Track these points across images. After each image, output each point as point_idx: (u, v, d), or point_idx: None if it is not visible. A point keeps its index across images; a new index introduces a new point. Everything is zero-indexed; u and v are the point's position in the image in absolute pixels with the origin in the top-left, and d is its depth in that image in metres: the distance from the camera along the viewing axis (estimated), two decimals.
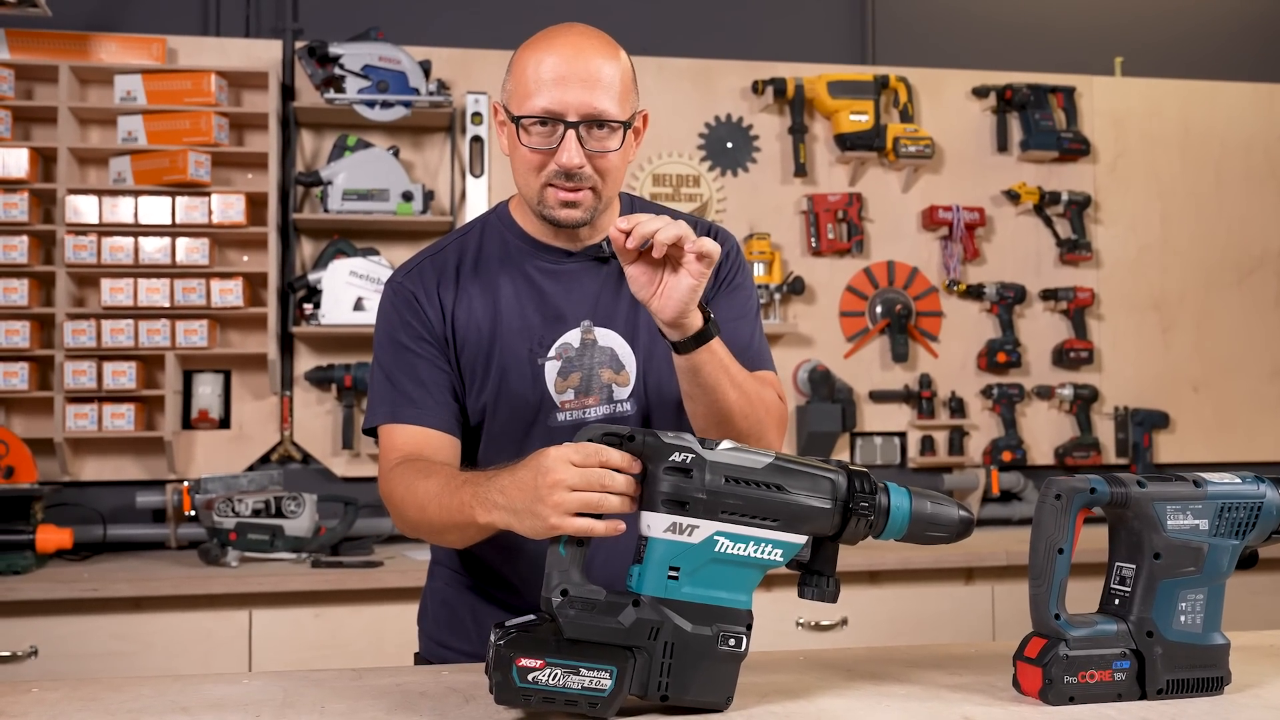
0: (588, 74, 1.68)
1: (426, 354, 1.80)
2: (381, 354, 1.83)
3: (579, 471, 1.37)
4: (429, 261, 1.85)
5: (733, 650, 1.39)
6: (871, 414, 4.43)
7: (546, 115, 1.68)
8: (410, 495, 1.66)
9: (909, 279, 4.49)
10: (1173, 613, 1.50)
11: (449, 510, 1.57)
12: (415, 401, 1.78)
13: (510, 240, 1.85)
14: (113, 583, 3.25)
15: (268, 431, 4.05)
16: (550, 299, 1.81)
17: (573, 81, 1.67)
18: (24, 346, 3.78)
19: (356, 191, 3.97)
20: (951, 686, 1.57)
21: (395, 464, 1.74)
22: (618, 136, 1.72)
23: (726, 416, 1.68)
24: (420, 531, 1.72)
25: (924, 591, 3.68)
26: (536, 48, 1.72)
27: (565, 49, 1.70)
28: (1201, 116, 4.76)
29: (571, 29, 1.74)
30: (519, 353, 1.79)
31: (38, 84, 3.96)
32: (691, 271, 1.56)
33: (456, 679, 1.60)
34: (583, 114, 1.68)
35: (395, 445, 1.77)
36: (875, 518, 1.43)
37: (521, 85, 1.70)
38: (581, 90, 1.67)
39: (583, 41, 1.71)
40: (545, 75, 1.68)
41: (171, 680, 1.64)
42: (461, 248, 1.86)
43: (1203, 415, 4.68)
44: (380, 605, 3.33)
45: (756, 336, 1.88)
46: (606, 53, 1.72)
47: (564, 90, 1.67)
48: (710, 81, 4.42)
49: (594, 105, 1.68)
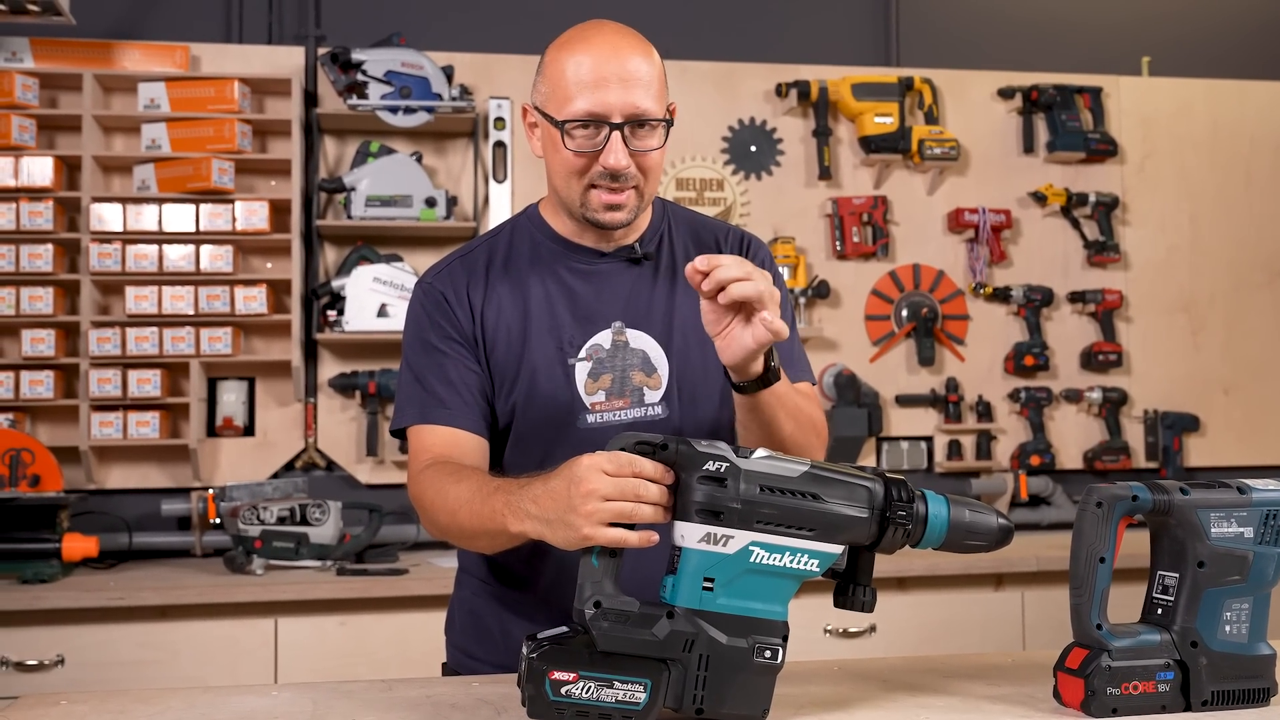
0: (626, 73, 1.66)
1: (456, 354, 1.78)
2: (411, 354, 1.81)
3: (612, 481, 1.35)
4: (459, 262, 1.84)
5: (768, 662, 1.37)
6: (898, 418, 4.40)
7: (590, 118, 1.67)
8: (441, 499, 1.64)
9: (935, 282, 4.45)
10: (1217, 622, 1.47)
11: (480, 517, 1.55)
12: (445, 402, 1.76)
13: (541, 241, 1.83)
14: (139, 591, 3.24)
15: (292, 438, 4.04)
16: (581, 299, 1.79)
17: (613, 82, 1.66)
18: (49, 355, 3.79)
19: (380, 198, 3.96)
20: (991, 698, 1.54)
21: (425, 466, 1.72)
22: (659, 133, 1.71)
23: (779, 446, 1.65)
24: (449, 536, 1.70)
25: (953, 598, 3.64)
26: (571, 48, 1.70)
27: (602, 48, 1.68)
28: (1230, 115, 4.72)
29: (603, 27, 1.72)
30: (549, 353, 1.77)
31: (62, 92, 3.97)
32: (758, 334, 1.52)
33: (487, 690, 1.58)
34: (626, 114, 1.67)
35: (425, 446, 1.75)
36: (913, 526, 1.40)
37: (560, 88, 1.68)
38: (622, 90, 1.66)
39: (618, 40, 1.70)
40: (585, 77, 1.66)
41: (200, 692, 1.63)
42: (491, 248, 1.85)
43: (1233, 418, 4.62)
44: (406, 613, 3.32)
45: (796, 347, 1.87)
46: (641, 49, 1.71)
47: (605, 91, 1.65)
48: (733, 85, 4.40)
49: (636, 105, 1.67)
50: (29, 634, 3.18)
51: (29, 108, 3.84)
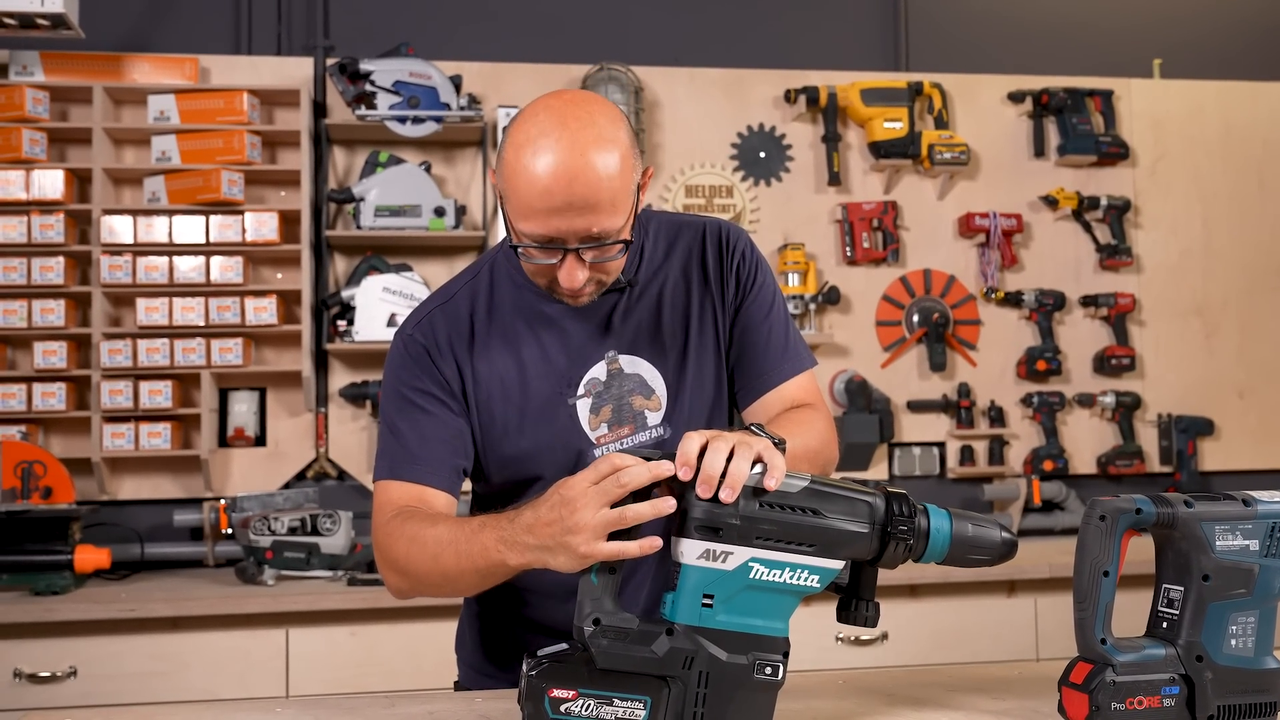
0: (586, 197, 1.54)
1: (435, 410, 1.72)
2: (388, 406, 1.76)
3: (597, 489, 1.34)
4: (439, 311, 1.78)
5: (769, 679, 1.36)
6: (910, 424, 4.39)
7: (544, 241, 1.59)
8: (417, 546, 1.57)
9: (946, 287, 4.44)
10: (1223, 636, 1.45)
11: (469, 556, 1.50)
12: (416, 458, 1.70)
13: (522, 282, 1.77)
14: (150, 603, 3.25)
15: (303, 448, 4.05)
16: (572, 337, 1.76)
17: (570, 210, 1.54)
18: (61, 367, 3.80)
19: (389, 208, 3.96)
20: (994, 712, 1.53)
21: (391, 517, 1.65)
22: (621, 244, 1.62)
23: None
24: (426, 584, 1.61)
25: (965, 605, 3.63)
26: (528, 155, 1.55)
27: (559, 168, 1.53)
28: (1243, 117, 4.69)
29: (565, 123, 1.55)
30: (550, 397, 1.74)
31: (72, 105, 3.98)
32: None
33: (490, 707, 1.58)
34: (582, 239, 1.58)
35: (390, 500, 1.69)
36: (914, 541, 1.39)
37: (515, 199, 1.58)
38: (579, 216, 1.55)
39: (576, 153, 1.54)
40: (536, 203, 1.55)
41: (205, 708, 1.63)
42: (473, 294, 1.79)
43: (1248, 422, 4.60)
44: (416, 623, 3.32)
45: (791, 333, 1.84)
46: (604, 151, 1.55)
47: (560, 219, 1.55)
48: (742, 91, 4.39)
49: (590, 230, 1.57)
50: (41, 646, 3.19)
51: (40, 121, 3.86)
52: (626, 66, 4.14)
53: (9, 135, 3.81)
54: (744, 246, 1.84)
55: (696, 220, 1.88)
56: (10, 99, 3.82)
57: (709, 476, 1.33)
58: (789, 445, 1.53)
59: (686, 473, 1.35)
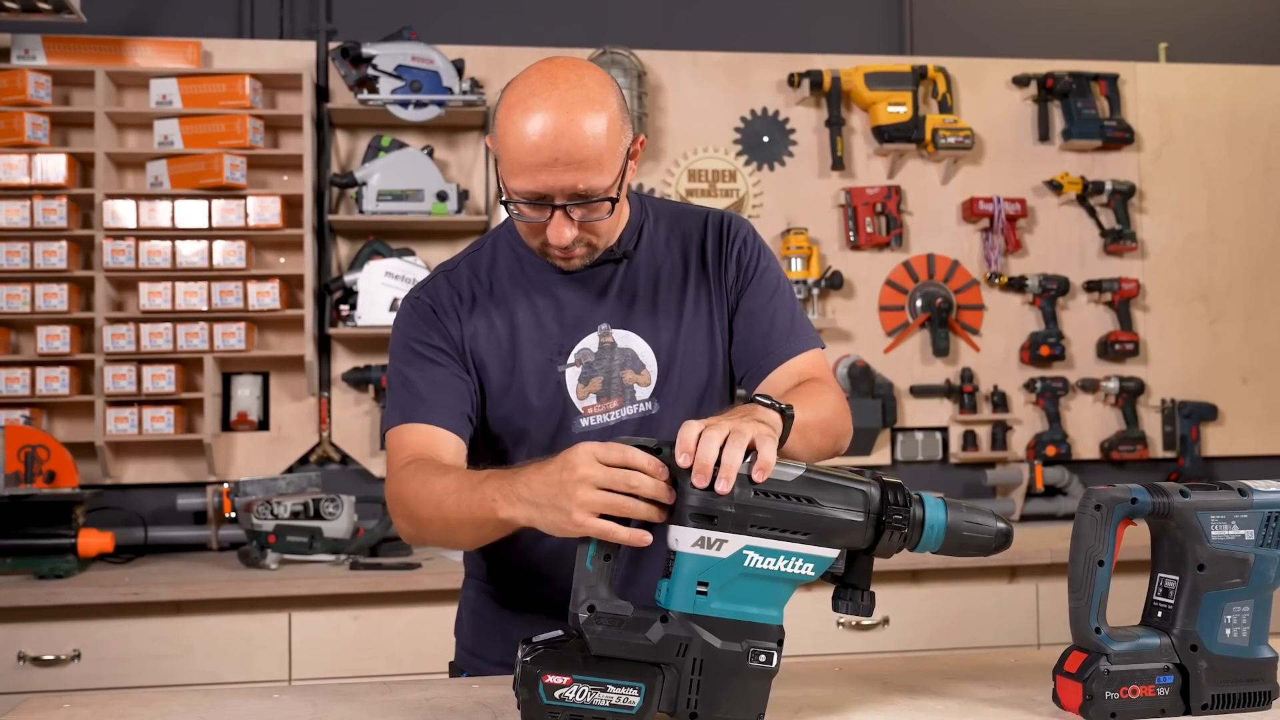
0: (572, 153, 1.59)
1: (443, 361, 1.77)
2: (396, 361, 1.80)
3: (605, 470, 1.35)
4: (443, 277, 1.84)
5: (763, 667, 1.37)
6: (912, 409, 4.38)
7: (532, 197, 1.64)
8: (425, 490, 1.60)
9: (949, 272, 4.43)
10: (1218, 625, 1.45)
11: (469, 505, 1.52)
12: (426, 400, 1.74)
13: (523, 254, 1.82)
14: (153, 586, 3.26)
15: (306, 433, 4.06)
16: (567, 306, 1.79)
17: (557, 165, 1.59)
18: (64, 351, 3.81)
19: (391, 192, 3.96)
20: (989, 700, 1.53)
21: (406, 463, 1.69)
22: (608, 204, 1.66)
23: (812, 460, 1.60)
24: (429, 530, 1.64)
25: (966, 590, 3.63)
26: (518, 114, 1.61)
27: (546, 122, 1.59)
28: (1249, 102, 4.67)
29: (554, 84, 1.61)
30: (540, 364, 1.77)
31: (74, 89, 3.98)
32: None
33: (486, 693, 1.59)
34: (569, 195, 1.63)
35: (404, 445, 1.72)
36: (909, 531, 1.40)
37: (506, 155, 1.63)
38: (566, 172, 1.60)
39: (563, 111, 1.59)
40: (526, 158, 1.60)
41: (202, 695, 1.64)
42: (474, 263, 1.85)
43: (1252, 407, 4.59)
44: (418, 607, 3.33)
45: (796, 313, 1.85)
46: (591, 111, 1.61)
47: (548, 174, 1.60)
48: (745, 75, 4.38)
49: (577, 186, 1.61)
50: (45, 629, 3.21)
51: (42, 105, 3.85)
52: (629, 50, 4.13)
53: (11, 119, 3.81)
54: (745, 234, 1.87)
55: (700, 209, 1.92)
56: (12, 83, 3.82)
57: (703, 465, 1.33)
58: (799, 416, 1.55)
59: (686, 460, 1.35)
